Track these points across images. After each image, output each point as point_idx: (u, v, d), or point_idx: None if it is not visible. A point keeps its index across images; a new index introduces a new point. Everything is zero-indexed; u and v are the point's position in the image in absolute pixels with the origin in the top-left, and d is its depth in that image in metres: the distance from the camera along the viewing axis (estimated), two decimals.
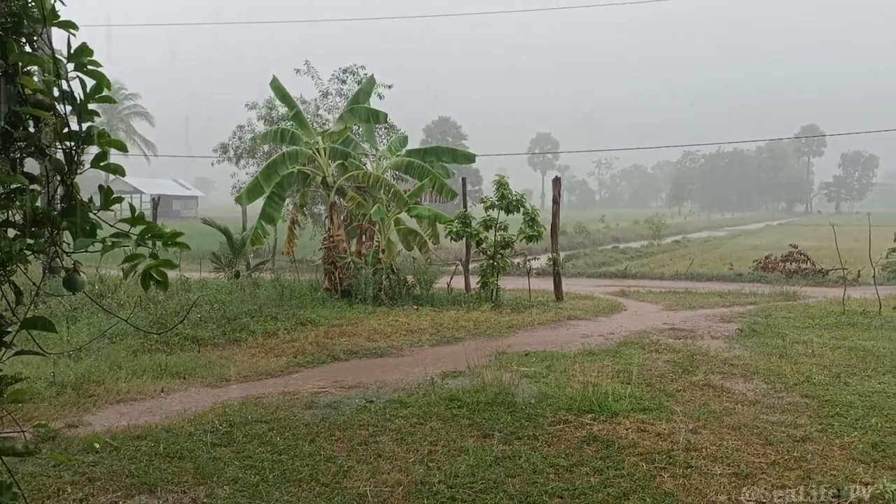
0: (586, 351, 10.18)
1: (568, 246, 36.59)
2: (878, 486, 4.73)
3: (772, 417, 6.80)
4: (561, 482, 5.30)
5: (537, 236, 15.45)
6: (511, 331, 12.34)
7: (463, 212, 16.17)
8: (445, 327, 12.40)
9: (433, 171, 16.08)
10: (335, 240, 15.97)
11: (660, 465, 5.57)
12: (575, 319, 13.74)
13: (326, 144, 16.14)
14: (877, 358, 9.48)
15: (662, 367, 9.02)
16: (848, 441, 6.06)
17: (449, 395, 7.48)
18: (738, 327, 12.33)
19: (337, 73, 24.68)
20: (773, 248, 30.04)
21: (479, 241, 15.73)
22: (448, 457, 5.80)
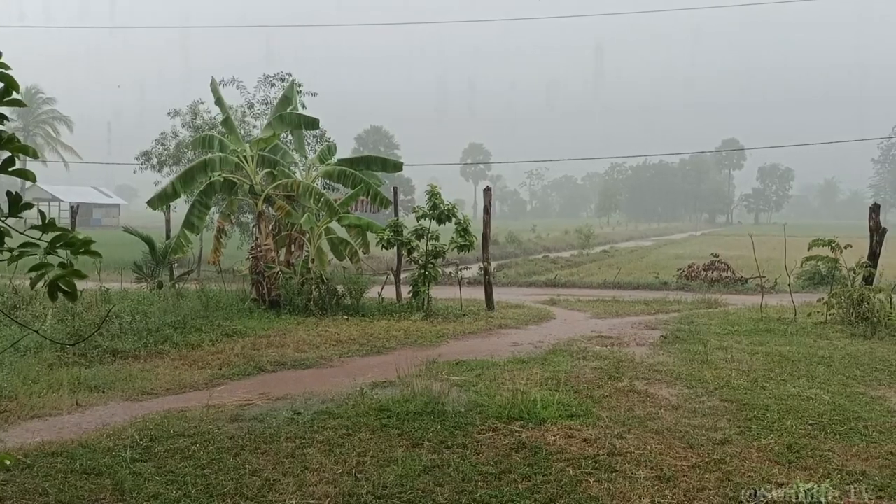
0: (516, 359, 10.27)
1: (500, 255, 36.93)
2: (792, 486, 4.90)
3: (693, 421, 6.98)
4: (489, 490, 5.31)
5: (469, 245, 15.52)
6: (442, 340, 12.34)
7: (395, 220, 16.12)
8: (376, 337, 12.32)
9: (365, 180, 16.00)
10: (263, 249, 15.68)
11: (586, 470, 5.64)
12: (505, 328, 13.86)
13: (254, 152, 15.86)
14: (792, 362, 9.87)
15: (590, 373, 9.17)
16: (765, 443, 6.27)
17: (378, 405, 7.41)
18: (662, 334, 12.64)
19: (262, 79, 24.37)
20: (696, 257, 31.01)
21: (410, 250, 15.71)
22: (377, 467, 5.75)
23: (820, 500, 4.73)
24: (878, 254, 15.27)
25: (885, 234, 15.43)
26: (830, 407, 7.42)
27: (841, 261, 14.64)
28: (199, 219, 15.41)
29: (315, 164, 17.37)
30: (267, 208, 16.32)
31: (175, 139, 25.49)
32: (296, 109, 17.03)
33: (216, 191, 15.84)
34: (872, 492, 5.14)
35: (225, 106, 16.68)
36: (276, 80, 24.11)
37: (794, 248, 15.65)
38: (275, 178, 16.08)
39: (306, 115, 16.27)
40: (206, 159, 15.18)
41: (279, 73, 24.35)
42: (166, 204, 15.50)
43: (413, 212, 16.24)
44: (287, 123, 16.06)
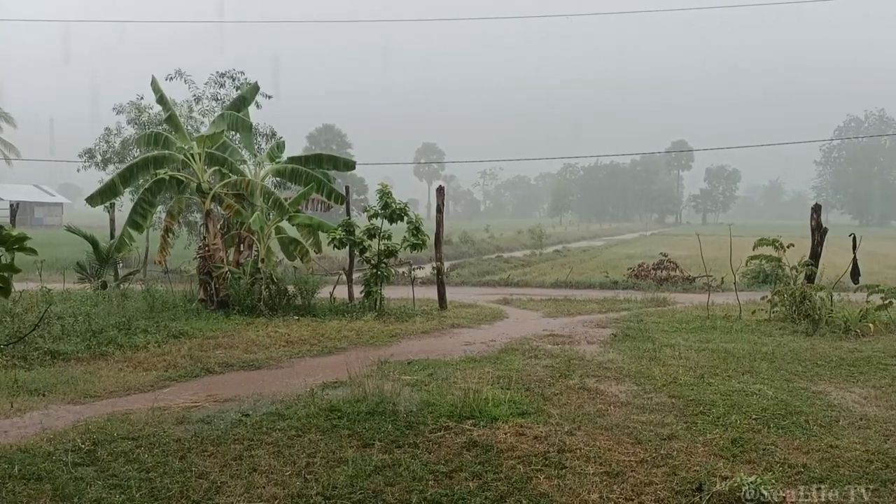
0: (468, 358, 10.28)
1: (453, 255, 36.98)
2: (736, 479, 5.00)
3: (641, 417, 7.08)
4: (440, 488, 5.30)
5: (421, 245, 15.50)
6: (394, 340, 12.30)
7: (346, 220, 16.00)
8: (327, 337, 12.21)
9: (317, 178, 15.83)
10: (211, 249, 15.40)
11: (536, 467, 5.67)
12: (458, 327, 13.87)
13: (201, 149, 15.55)
14: (736, 359, 10.09)
15: (541, 371, 9.22)
16: (710, 438, 6.39)
17: (329, 405, 7.33)
18: (612, 332, 12.80)
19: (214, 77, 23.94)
20: (646, 256, 31.52)
21: (362, 250, 15.60)
22: (326, 468, 5.69)
23: (762, 493, 4.84)
24: (820, 253, 15.72)
25: (825, 234, 15.90)
26: (773, 402, 7.59)
27: (784, 260, 15.04)
28: (143, 217, 15.05)
29: (265, 162, 17.13)
30: (215, 207, 16.04)
31: (120, 136, 24.85)
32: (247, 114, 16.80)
33: (162, 189, 15.50)
34: (812, 483, 5.28)
35: (168, 103, 16.33)
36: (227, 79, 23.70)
37: (739, 248, 16.02)
38: (223, 177, 15.81)
39: (241, 118, 16.01)
40: (150, 156, 14.85)
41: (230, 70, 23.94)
42: (108, 201, 15.09)
43: (364, 211, 16.12)
44: (226, 122, 15.78)
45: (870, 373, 9.23)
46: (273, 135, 23.52)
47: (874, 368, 9.48)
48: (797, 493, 5.08)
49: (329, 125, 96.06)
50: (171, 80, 23.31)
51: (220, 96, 23.73)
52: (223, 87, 23.60)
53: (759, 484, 4.86)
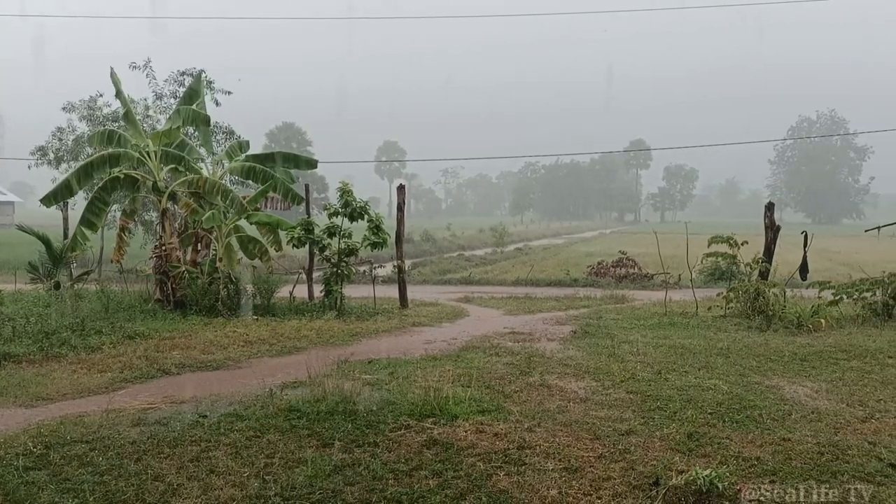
0: (429, 356, 10.28)
1: (414, 253, 36.90)
2: (692, 473, 5.07)
3: (600, 413, 7.15)
4: (400, 487, 5.29)
5: (382, 243, 15.43)
6: (355, 339, 12.23)
7: (306, 218, 15.85)
8: (287, 337, 12.09)
9: (275, 176, 15.65)
10: (168, 248, 15.13)
11: (496, 464, 5.69)
12: (419, 326, 13.86)
13: (157, 147, 15.25)
14: (693, 354, 10.27)
15: (502, 369, 9.26)
16: (667, 432, 6.49)
17: (288, 406, 7.28)
18: (572, 329, 12.92)
19: (174, 75, 23.48)
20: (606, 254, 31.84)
21: (322, 249, 15.48)
22: (285, 469, 5.64)
23: (717, 486, 4.92)
24: (773, 250, 16.06)
25: (779, 231, 16.25)
26: (728, 396, 7.74)
27: (739, 257, 15.34)
28: (97, 216, 14.72)
29: (223, 160, 16.88)
30: (172, 206, 15.77)
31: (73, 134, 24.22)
32: (202, 105, 16.48)
33: (117, 187, 15.17)
34: (765, 476, 5.39)
35: (125, 98, 16.00)
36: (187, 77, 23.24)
37: (696, 246, 16.30)
38: (180, 175, 15.53)
39: (197, 111, 15.72)
40: (105, 154, 14.52)
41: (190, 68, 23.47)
42: (63, 201, 14.71)
43: (324, 209, 15.99)
44: (182, 118, 15.49)
45: (821, 367, 9.46)
46: (231, 133, 23.18)
47: (825, 363, 9.72)
48: (751, 486, 5.18)
49: (289, 123, 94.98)
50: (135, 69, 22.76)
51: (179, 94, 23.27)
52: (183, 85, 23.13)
53: (713, 477, 4.94)
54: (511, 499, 5.09)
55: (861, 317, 13.69)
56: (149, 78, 23.18)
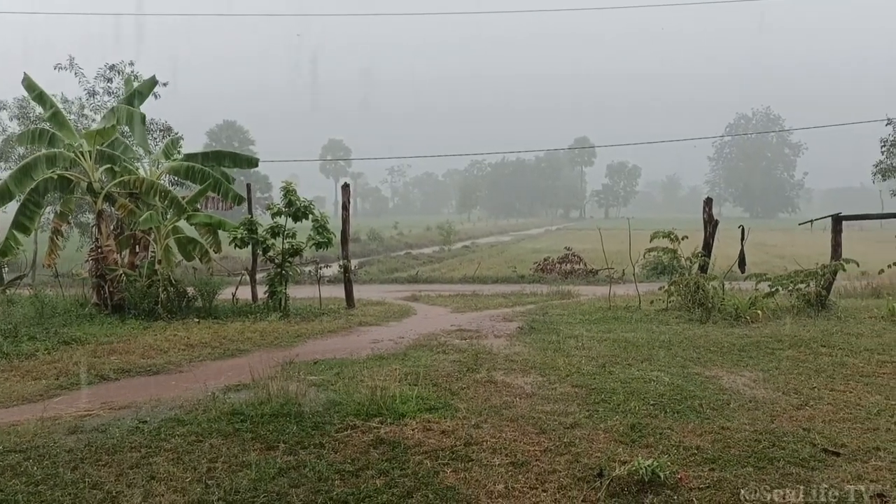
0: (376, 356, 10.22)
1: (361, 253, 36.76)
2: (634, 463, 5.15)
3: (546, 408, 7.21)
4: (346, 487, 5.23)
5: (327, 243, 15.29)
6: (300, 340, 12.09)
7: (248, 218, 15.59)
8: (229, 340, 11.87)
9: (214, 176, 15.34)
10: (104, 250, 14.70)
11: (443, 461, 5.68)
12: (366, 325, 13.78)
13: (92, 147, 14.78)
14: (636, 348, 10.44)
15: (449, 367, 9.26)
16: (611, 425, 6.57)
17: (231, 409, 7.12)
18: (519, 326, 13.01)
19: (103, 71, 22.80)
20: (552, 251, 32.24)
21: (266, 249, 15.24)
22: (229, 473, 5.52)
23: (658, 475, 5.01)
24: (712, 244, 16.45)
25: (717, 226, 16.65)
26: (670, 388, 7.89)
27: (679, 251, 15.68)
28: (30, 219, 14.19)
29: (160, 159, 16.47)
30: (108, 207, 15.31)
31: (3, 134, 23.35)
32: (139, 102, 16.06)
33: (49, 189, 14.65)
34: (705, 464, 5.51)
35: (48, 100, 15.38)
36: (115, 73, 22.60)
37: (639, 241, 16.61)
38: (116, 175, 15.09)
39: (132, 109, 15.32)
40: (39, 155, 14.01)
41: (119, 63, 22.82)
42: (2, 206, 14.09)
43: (268, 209, 15.74)
44: (117, 116, 15.06)
45: (758, 357, 9.73)
46: (169, 130, 22.65)
47: (762, 353, 10.00)
48: (691, 474, 5.29)
49: (230, 121, 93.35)
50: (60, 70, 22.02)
51: (113, 90, 22.64)
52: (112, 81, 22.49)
53: (655, 467, 5.03)
54: (458, 495, 5.08)
55: (796, 307, 14.13)
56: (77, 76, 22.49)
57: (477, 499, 5.03)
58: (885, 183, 27.12)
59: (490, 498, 5.04)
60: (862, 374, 8.64)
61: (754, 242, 24.10)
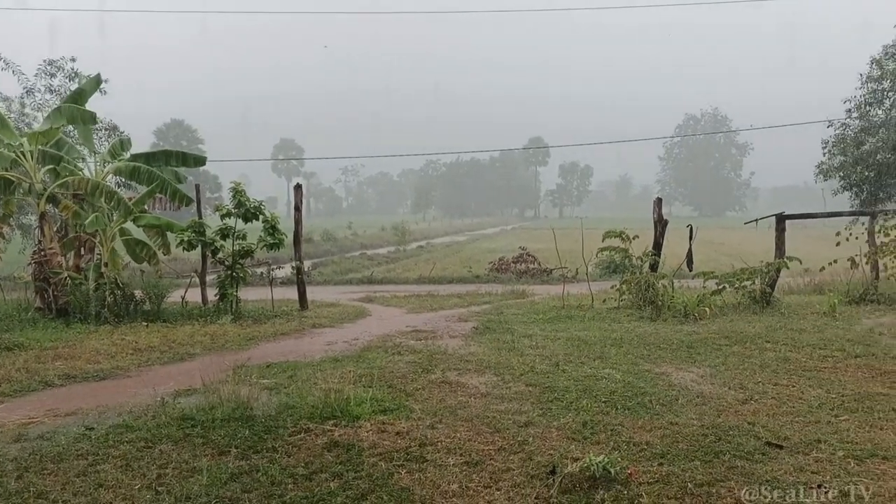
0: (330, 358, 10.15)
1: (315, 254, 36.44)
2: (586, 460, 5.23)
3: (500, 407, 7.26)
4: (300, 491, 5.19)
5: (279, 244, 15.11)
6: (252, 343, 11.93)
7: (197, 220, 15.32)
8: (179, 343, 11.64)
9: (162, 177, 15.03)
10: (47, 253, 14.29)
11: (398, 463, 5.68)
12: (320, 327, 13.67)
13: (34, 147, 14.35)
14: (588, 346, 10.58)
15: (404, 368, 9.25)
16: (564, 422, 6.65)
17: (181, 414, 7.01)
18: (474, 326, 13.07)
19: (43, 67, 22.13)
20: (507, 250, 32.49)
21: (215, 251, 14.98)
22: (179, 479, 5.43)
23: (609, 471, 5.10)
24: (662, 243, 16.77)
25: (666, 225, 16.98)
26: (621, 385, 8.02)
27: (631, 250, 15.94)
28: None
29: (106, 159, 16.07)
30: (51, 209, 14.89)
31: None
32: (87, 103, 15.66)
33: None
34: (654, 459, 5.62)
35: None
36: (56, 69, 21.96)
37: (592, 240, 16.83)
38: (59, 176, 14.68)
39: (82, 108, 14.93)
40: None
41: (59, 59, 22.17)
42: None
43: (217, 210, 15.48)
44: (64, 116, 14.66)
45: (706, 353, 9.96)
46: (115, 129, 22.11)
47: (709, 349, 10.24)
48: (641, 469, 5.39)
49: (178, 120, 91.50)
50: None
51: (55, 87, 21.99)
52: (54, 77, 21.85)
53: (606, 463, 5.11)
54: (412, 496, 5.09)
55: (742, 304, 14.51)
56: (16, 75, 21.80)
57: (431, 499, 5.04)
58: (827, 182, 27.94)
59: (444, 498, 5.05)
60: (804, 368, 8.91)
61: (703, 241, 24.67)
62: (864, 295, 15.21)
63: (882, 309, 14.23)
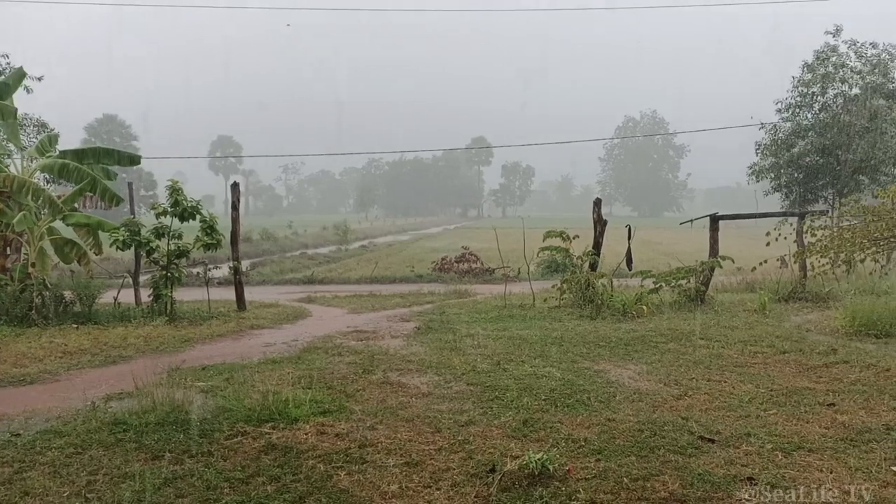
0: (268, 359, 9.98)
1: (254, 253, 35.81)
2: (525, 457, 5.27)
3: (442, 406, 7.26)
4: (236, 495, 5.10)
5: (216, 244, 14.79)
6: (188, 345, 11.65)
7: (130, 219, 14.87)
8: (111, 346, 11.29)
9: (92, 174, 14.54)
10: None
11: (337, 465, 5.63)
12: (258, 328, 13.44)
13: None
14: (529, 344, 10.69)
15: (344, 369, 9.17)
16: (504, 420, 6.69)
17: (113, 419, 6.80)
18: (415, 325, 13.05)
19: None
20: (450, 250, 32.59)
21: (150, 251, 14.57)
22: (110, 485, 5.27)
23: (548, 468, 5.15)
24: (601, 243, 17.03)
25: (605, 225, 17.26)
26: (561, 383, 8.12)
27: (571, 250, 16.17)
28: None
29: (34, 156, 15.45)
30: None
31: None
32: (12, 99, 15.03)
33: None
34: (592, 455, 5.70)
35: None
36: None
37: (533, 240, 16.99)
38: None
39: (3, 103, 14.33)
40: None
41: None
42: None
43: (152, 208, 15.06)
44: None
45: (643, 350, 10.17)
46: (44, 126, 21.33)
47: (646, 346, 10.46)
48: (579, 465, 5.46)
49: (111, 115, 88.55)
50: None
51: None
52: None
53: (544, 460, 5.17)
54: (351, 497, 5.05)
55: (678, 302, 14.87)
56: None
57: (371, 500, 5.01)
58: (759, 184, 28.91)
59: (384, 499, 5.03)
60: (736, 364, 9.19)
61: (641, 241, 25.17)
62: (793, 293, 15.78)
63: (809, 306, 14.78)
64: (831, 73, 25.69)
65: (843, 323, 11.77)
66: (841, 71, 25.63)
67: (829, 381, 8.27)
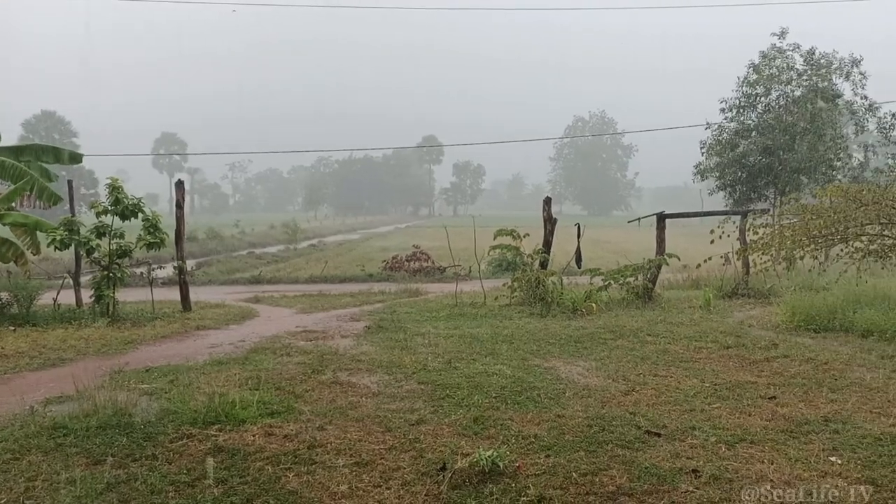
0: (214, 361, 9.78)
1: (200, 253, 35.08)
2: (475, 455, 5.28)
3: (392, 406, 7.23)
4: (182, 499, 5.00)
5: (159, 243, 14.44)
6: (131, 346, 11.34)
7: (69, 218, 14.41)
8: (50, 348, 10.92)
9: (30, 173, 14.04)
10: None
11: (285, 466, 5.56)
12: (204, 329, 13.17)
13: None
14: (481, 343, 10.72)
15: (293, 369, 9.06)
16: (455, 419, 6.70)
17: (53, 423, 6.59)
18: (366, 325, 12.96)
19: None
20: (401, 248, 32.46)
21: (90, 251, 14.14)
22: (50, 491, 5.12)
23: (498, 465, 5.17)
24: (551, 241, 17.19)
25: (555, 224, 17.42)
26: (511, 380, 8.17)
27: (522, 248, 16.27)
28: None
29: None
30: None
31: None
32: None
33: None
34: (541, 451, 5.75)
35: None
36: None
37: (485, 238, 17.03)
38: None
39: None
40: None
41: None
42: None
43: (92, 207, 14.61)
44: None
45: (592, 347, 10.30)
46: None
47: (595, 343, 10.60)
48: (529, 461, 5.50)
49: (49, 111, 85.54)
50: None
51: None
52: None
53: (495, 457, 5.19)
54: (300, 499, 4.99)
55: (626, 300, 15.12)
56: None
57: (320, 501, 4.96)
58: (704, 183, 29.54)
59: (333, 499, 4.98)
60: (681, 359, 9.38)
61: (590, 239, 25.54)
62: (736, 289, 16.20)
63: (752, 302, 15.19)
64: (775, 74, 26.38)
65: (783, 318, 12.12)
66: (786, 73, 26.34)
67: (771, 374, 8.51)
